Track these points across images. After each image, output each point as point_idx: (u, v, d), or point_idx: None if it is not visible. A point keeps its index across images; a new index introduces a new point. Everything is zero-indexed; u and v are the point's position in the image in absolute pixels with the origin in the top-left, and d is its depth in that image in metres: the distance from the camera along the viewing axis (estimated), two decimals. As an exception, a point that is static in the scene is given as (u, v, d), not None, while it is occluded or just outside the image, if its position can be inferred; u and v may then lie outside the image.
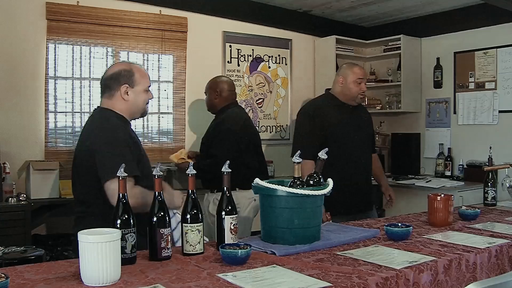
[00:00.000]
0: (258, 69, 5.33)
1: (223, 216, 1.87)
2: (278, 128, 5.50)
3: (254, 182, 1.99)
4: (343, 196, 3.06)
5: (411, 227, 2.10)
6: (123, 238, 1.62)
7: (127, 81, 2.33)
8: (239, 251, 1.67)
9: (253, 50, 5.29)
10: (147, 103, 2.42)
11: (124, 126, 2.31)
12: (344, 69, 3.34)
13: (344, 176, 3.06)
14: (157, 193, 1.76)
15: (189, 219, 1.78)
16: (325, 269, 1.62)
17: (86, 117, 4.31)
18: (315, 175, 2.04)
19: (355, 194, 3.19)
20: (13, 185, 3.74)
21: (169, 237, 1.75)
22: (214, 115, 3.77)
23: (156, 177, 1.76)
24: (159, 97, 4.66)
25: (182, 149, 4.06)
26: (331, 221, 2.99)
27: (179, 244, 2.00)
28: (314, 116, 3.24)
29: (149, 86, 2.41)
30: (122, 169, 1.71)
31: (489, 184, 2.99)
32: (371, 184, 3.43)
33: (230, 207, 1.88)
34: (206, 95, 3.82)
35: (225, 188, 1.90)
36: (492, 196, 2.99)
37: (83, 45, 4.29)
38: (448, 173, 5.15)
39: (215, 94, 3.71)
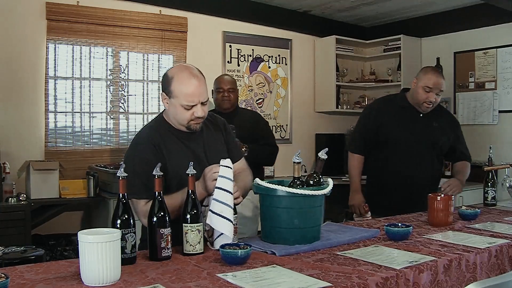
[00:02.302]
0: (258, 69, 5.34)
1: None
2: (278, 128, 5.50)
3: (254, 182, 1.99)
4: (386, 197, 3.04)
5: (411, 227, 2.10)
6: (123, 238, 1.62)
7: (165, 89, 2.04)
8: (239, 251, 1.66)
9: (253, 50, 5.29)
10: (192, 120, 2.03)
11: (148, 141, 2.05)
12: (420, 72, 3.07)
13: (390, 179, 3.04)
14: (157, 193, 1.76)
15: (189, 219, 1.77)
16: (325, 269, 1.62)
17: (86, 117, 4.33)
18: (315, 175, 2.04)
19: (401, 199, 2.98)
20: (13, 185, 3.74)
21: (169, 237, 1.74)
22: (224, 112, 3.49)
23: (156, 177, 1.76)
24: (159, 97, 4.67)
25: None
26: (369, 214, 2.99)
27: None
28: (373, 112, 3.17)
29: (193, 104, 1.99)
30: (122, 169, 1.71)
31: (489, 184, 2.99)
32: (423, 192, 2.91)
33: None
34: (229, 92, 3.57)
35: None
36: (492, 196, 2.99)
37: (83, 45, 4.30)
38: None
39: (237, 92, 3.68)
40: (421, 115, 3.07)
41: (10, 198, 3.63)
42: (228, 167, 1.88)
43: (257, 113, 4.11)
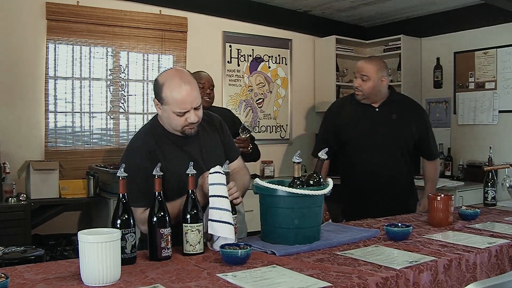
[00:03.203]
0: (258, 69, 5.33)
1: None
2: (278, 128, 5.50)
3: (255, 182, 1.99)
4: (358, 199, 2.98)
5: (411, 227, 2.10)
6: (123, 238, 1.62)
7: (157, 95, 2.01)
8: (239, 251, 1.66)
9: (253, 50, 5.29)
10: (186, 126, 2.01)
11: (144, 148, 2.03)
12: None
13: (359, 179, 2.97)
14: (157, 193, 1.76)
15: (189, 219, 1.77)
16: (325, 269, 1.62)
17: (86, 117, 4.33)
18: (315, 175, 2.04)
19: (373, 199, 2.91)
20: (13, 185, 3.74)
21: (169, 237, 1.74)
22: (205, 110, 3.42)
23: (156, 177, 1.76)
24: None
25: None
26: (330, 221, 2.98)
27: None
28: (329, 114, 3.13)
29: (186, 111, 1.96)
30: (122, 169, 1.71)
31: (489, 184, 2.99)
32: (393, 191, 2.94)
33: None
34: (210, 90, 3.34)
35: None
36: (492, 196, 2.99)
37: (83, 45, 4.30)
38: (448, 173, 5.14)
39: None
40: (376, 109, 2.97)
41: (10, 198, 3.63)
42: (218, 172, 1.86)
43: (228, 109, 3.98)
